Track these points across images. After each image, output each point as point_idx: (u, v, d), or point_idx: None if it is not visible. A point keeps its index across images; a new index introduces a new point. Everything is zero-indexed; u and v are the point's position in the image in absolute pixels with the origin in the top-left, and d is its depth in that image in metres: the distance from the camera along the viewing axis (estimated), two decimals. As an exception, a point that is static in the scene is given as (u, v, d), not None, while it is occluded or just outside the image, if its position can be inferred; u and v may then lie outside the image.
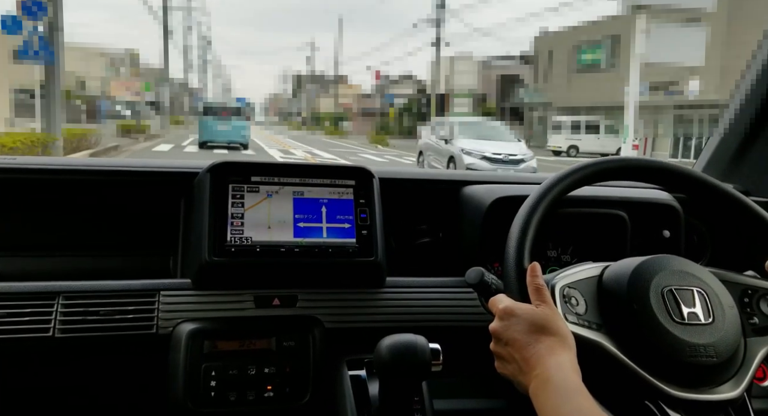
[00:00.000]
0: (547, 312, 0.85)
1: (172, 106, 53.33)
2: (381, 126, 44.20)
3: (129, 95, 42.89)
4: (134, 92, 43.06)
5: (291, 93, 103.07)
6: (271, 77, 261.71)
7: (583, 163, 1.03)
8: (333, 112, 60.81)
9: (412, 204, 1.42)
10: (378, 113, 48.54)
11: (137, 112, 40.30)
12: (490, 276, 0.97)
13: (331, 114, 59.63)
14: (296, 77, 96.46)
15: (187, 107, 49.57)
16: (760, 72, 1.54)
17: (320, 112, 67.66)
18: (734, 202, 1.04)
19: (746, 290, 0.99)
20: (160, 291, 1.13)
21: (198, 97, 70.19)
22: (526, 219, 0.96)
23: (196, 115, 62.10)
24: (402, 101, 45.77)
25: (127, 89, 43.75)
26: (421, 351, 0.97)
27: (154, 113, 44.48)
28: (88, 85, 44.24)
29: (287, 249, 1.15)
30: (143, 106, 42.41)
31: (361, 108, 54.63)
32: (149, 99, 43.50)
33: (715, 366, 0.88)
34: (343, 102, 63.00)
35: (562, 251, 1.39)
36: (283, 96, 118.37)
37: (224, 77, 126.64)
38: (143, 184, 1.30)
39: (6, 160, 1.25)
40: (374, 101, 53.63)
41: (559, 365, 0.79)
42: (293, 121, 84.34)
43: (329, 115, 59.37)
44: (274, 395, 1.10)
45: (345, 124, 52.10)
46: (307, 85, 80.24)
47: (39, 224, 1.27)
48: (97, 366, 1.13)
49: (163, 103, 41.26)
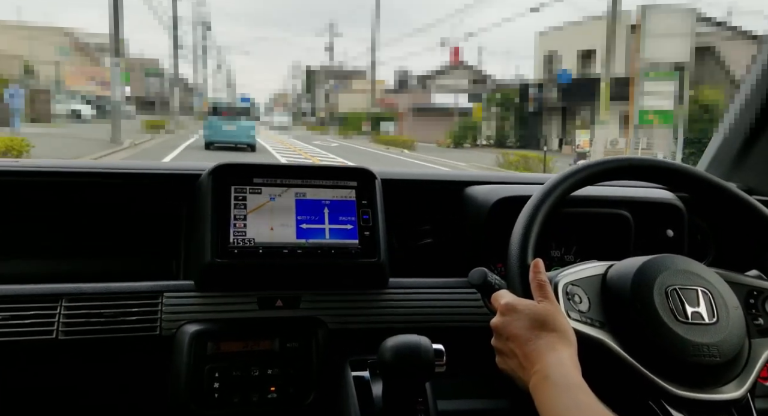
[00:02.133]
0: (548, 308, 0.85)
1: (160, 103, 43.81)
2: (460, 129, 32.05)
3: (93, 86, 32.86)
4: (100, 82, 32.79)
5: (302, 89, 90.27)
6: (275, 73, 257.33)
7: (586, 163, 1.03)
8: (363, 109, 45.60)
9: (415, 204, 1.42)
10: (455, 112, 35.05)
11: (104, 111, 30.94)
12: (494, 277, 0.97)
13: (359, 114, 44.73)
14: (309, 72, 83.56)
15: (177, 104, 34.58)
16: (762, 71, 1.54)
17: (340, 109, 53.99)
18: (738, 201, 1.04)
19: (752, 291, 0.99)
20: (164, 293, 1.13)
21: (198, 93, 64.43)
22: (530, 216, 0.96)
23: (190, 114, 53.84)
24: (481, 95, 34.01)
25: (90, 79, 33.74)
26: (425, 352, 0.97)
27: (134, 112, 35.96)
28: (40, 72, 33.67)
29: (290, 251, 1.15)
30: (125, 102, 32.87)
31: (413, 105, 39.44)
32: (139, 94, 35.67)
33: (718, 366, 0.87)
34: (376, 98, 48.18)
35: (565, 251, 1.39)
36: (290, 93, 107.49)
37: (225, 72, 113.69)
38: (146, 186, 1.30)
39: (8, 163, 1.25)
40: (424, 96, 41.07)
41: (560, 361, 0.79)
42: (306, 120, 72.03)
43: (360, 115, 44.49)
44: (278, 396, 1.10)
45: (383, 125, 38.39)
46: (330, 80, 65.55)
47: (42, 226, 1.28)
48: (100, 368, 1.13)
49: (157, 101, 34.00)
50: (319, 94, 70.95)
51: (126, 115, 32.78)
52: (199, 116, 51.23)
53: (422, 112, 38.35)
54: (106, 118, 28.78)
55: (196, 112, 57.03)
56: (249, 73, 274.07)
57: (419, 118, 37.65)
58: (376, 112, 42.02)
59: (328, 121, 57.36)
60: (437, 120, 35.67)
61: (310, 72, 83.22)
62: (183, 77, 74.06)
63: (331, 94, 63.87)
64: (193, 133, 29.96)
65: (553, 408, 0.75)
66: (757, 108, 1.55)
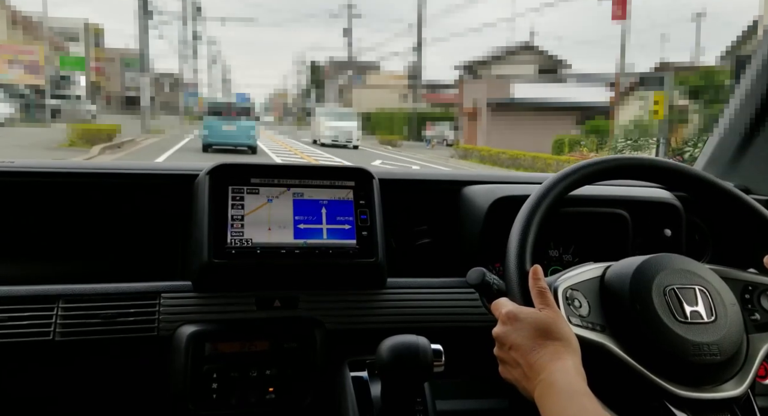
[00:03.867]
0: (550, 316, 0.84)
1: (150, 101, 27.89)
2: (589, 132, 20.04)
3: (18, 73, 22.39)
4: (28, 66, 22.61)
5: (307, 84, 76.55)
6: (274, 70, 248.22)
7: (583, 162, 1.03)
8: (389, 107, 36.76)
9: (413, 204, 1.42)
10: (581, 109, 23.13)
11: (30, 109, 22.56)
12: (492, 277, 0.97)
13: (391, 113, 35.12)
14: (314, 66, 72.47)
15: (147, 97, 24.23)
16: (759, 70, 1.54)
17: (361, 108, 39.95)
18: (735, 200, 1.04)
19: (747, 286, 0.99)
20: (161, 294, 1.13)
21: (189, 93, 57.92)
22: (527, 220, 0.96)
23: (174, 113, 46.48)
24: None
25: (10, 61, 22.28)
26: (423, 352, 0.97)
27: (89, 113, 26.87)
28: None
29: (287, 251, 1.14)
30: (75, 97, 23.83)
31: (492, 99, 25.05)
32: (114, 89, 26.17)
33: (719, 364, 0.88)
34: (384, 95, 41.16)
35: (563, 251, 1.39)
36: (291, 91, 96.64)
37: (221, 66, 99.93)
38: (143, 187, 1.29)
39: (5, 163, 1.25)
40: (499, 88, 25.05)
41: (564, 369, 0.79)
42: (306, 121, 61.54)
43: (391, 114, 34.40)
44: (276, 397, 1.09)
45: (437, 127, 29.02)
46: (347, 71, 53.48)
47: (38, 227, 1.27)
48: (97, 369, 1.12)
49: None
50: (330, 89, 58.65)
51: (82, 114, 24.56)
52: (192, 117, 46.70)
53: (505, 109, 24.82)
54: (35, 120, 21.29)
55: (188, 110, 51.07)
56: (244, 69, 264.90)
57: (501, 116, 24.87)
58: (425, 110, 31.98)
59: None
60: (534, 120, 24.15)
61: (315, 67, 73.06)
62: (170, 72, 67.58)
63: (345, 89, 53.88)
64: (177, 139, 22.17)
65: (559, 415, 0.75)
66: (754, 107, 1.55)
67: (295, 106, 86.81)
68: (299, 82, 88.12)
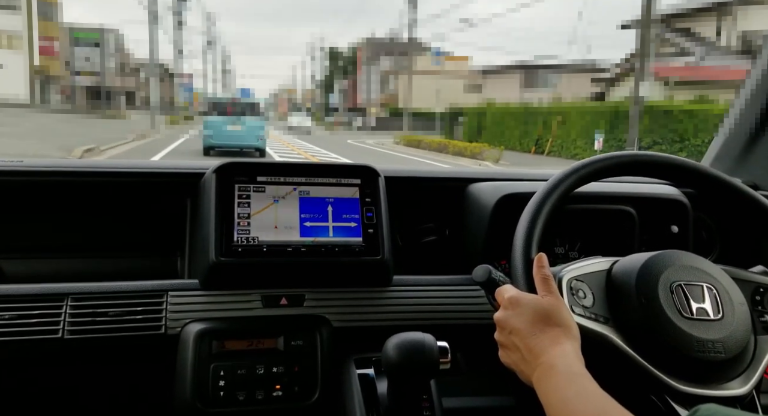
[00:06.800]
0: (552, 302, 0.85)
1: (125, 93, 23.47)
2: None
3: None
4: None
5: (323, 77, 67.06)
6: (279, 64, 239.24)
7: (590, 159, 1.03)
8: (451, 102, 27.71)
9: (418, 202, 1.42)
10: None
11: None
12: (498, 274, 0.97)
13: (507, 107, 22.79)
14: (333, 53, 62.18)
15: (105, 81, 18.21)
16: (766, 67, 1.53)
17: (415, 103, 30.61)
18: (743, 196, 1.03)
19: (758, 288, 0.99)
20: (168, 292, 1.13)
21: (186, 86, 52.88)
22: (535, 212, 0.96)
23: (167, 112, 34.76)
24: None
25: None
26: (429, 350, 0.97)
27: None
28: None
29: (294, 249, 1.15)
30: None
31: None
32: (57, 74, 17.23)
33: (723, 362, 0.87)
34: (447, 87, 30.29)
35: (569, 247, 1.39)
36: (300, 86, 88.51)
37: (219, 50, 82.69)
38: (150, 185, 1.30)
39: (13, 163, 1.25)
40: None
41: (564, 353, 0.79)
42: (338, 119, 49.52)
43: (507, 109, 22.54)
44: (283, 394, 1.10)
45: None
46: (382, 56, 43.14)
47: (47, 226, 1.28)
48: (105, 367, 1.13)
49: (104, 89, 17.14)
50: (363, 80, 47.57)
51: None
52: (183, 115, 40.41)
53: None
54: None
55: (178, 108, 42.29)
56: (245, 58, 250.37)
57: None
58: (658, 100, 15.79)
59: (386, 119, 37.30)
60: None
61: (335, 53, 62.73)
62: (163, 63, 51.98)
63: (390, 78, 42.29)
64: (162, 144, 18.33)
65: (558, 395, 0.75)
66: (761, 103, 1.55)
67: (306, 101, 75.54)
68: (314, 74, 76.40)
